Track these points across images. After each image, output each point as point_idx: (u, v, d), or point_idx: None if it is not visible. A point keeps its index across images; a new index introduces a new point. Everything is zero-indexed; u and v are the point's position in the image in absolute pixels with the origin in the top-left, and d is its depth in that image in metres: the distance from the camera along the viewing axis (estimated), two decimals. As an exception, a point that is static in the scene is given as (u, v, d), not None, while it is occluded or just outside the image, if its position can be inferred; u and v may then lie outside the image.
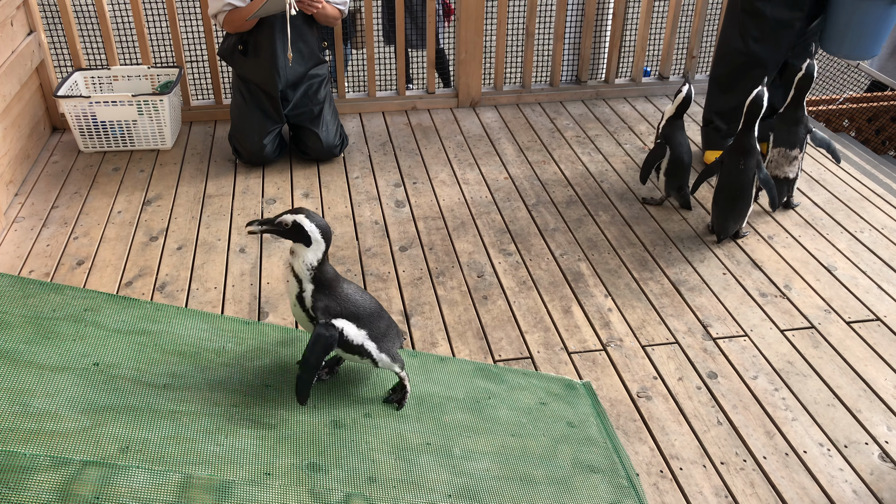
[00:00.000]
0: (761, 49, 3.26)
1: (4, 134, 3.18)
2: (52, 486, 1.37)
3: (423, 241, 2.98)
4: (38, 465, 1.40)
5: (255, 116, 3.41)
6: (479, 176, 3.47)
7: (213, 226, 3.06)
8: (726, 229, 2.93)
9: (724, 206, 2.91)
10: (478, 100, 4.15)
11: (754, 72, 3.30)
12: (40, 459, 1.41)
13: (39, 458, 1.41)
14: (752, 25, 3.24)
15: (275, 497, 1.52)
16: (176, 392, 1.68)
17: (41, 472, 1.39)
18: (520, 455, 1.90)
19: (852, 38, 3.12)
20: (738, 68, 3.34)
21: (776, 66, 3.31)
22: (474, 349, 2.41)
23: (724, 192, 2.90)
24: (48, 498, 1.35)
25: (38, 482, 1.37)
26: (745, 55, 3.29)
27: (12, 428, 1.45)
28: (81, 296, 1.87)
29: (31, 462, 1.40)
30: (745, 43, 3.28)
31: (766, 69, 3.28)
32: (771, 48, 3.25)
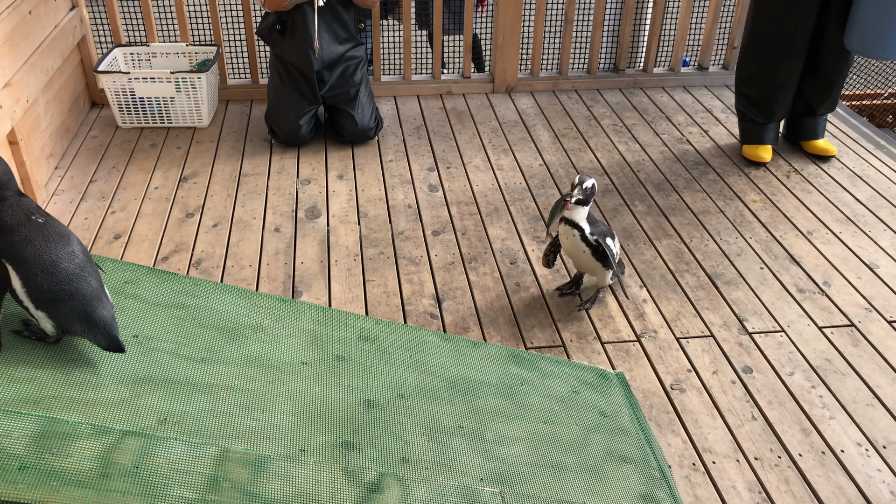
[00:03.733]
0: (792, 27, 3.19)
1: (46, 108, 3.22)
2: (93, 454, 1.39)
3: (456, 227, 2.97)
4: (80, 432, 1.42)
5: (292, 97, 3.41)
6: (513, 162, 3.45)
7: (248, 204, 3.08)
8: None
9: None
10: (514, 85, 4.12)
11: (785, 63, 3.24)
12: (82, 427, 1.43)
13: (81, 426, 1.43)
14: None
15: (309, 474, 1.52)
16: (213, 366, 1.69)
17: (83, 439, 1.41)
18: (551, 442, 1.89)
19: (874, 35, 3.04)
20: (768, 54, 3.28)
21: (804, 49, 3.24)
22: (506, 335, 2.41)
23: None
24: (89, 465, 1.37)
25: (79, 449, 1.39)
26: (777, 34, 3.22)
27: (55, 395, 1.47)
28: (121, 268, 1.89)
29: (73, 429, 1.42)
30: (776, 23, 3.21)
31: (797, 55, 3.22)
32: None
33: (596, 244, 2.31)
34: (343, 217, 3.01)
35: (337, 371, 1.86)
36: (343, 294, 2.58)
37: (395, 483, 1.59)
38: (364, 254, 2.79)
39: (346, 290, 2.60)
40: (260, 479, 1.47)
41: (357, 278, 2.66)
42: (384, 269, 2.70)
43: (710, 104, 4.06)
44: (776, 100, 3.36)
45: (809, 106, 3.45)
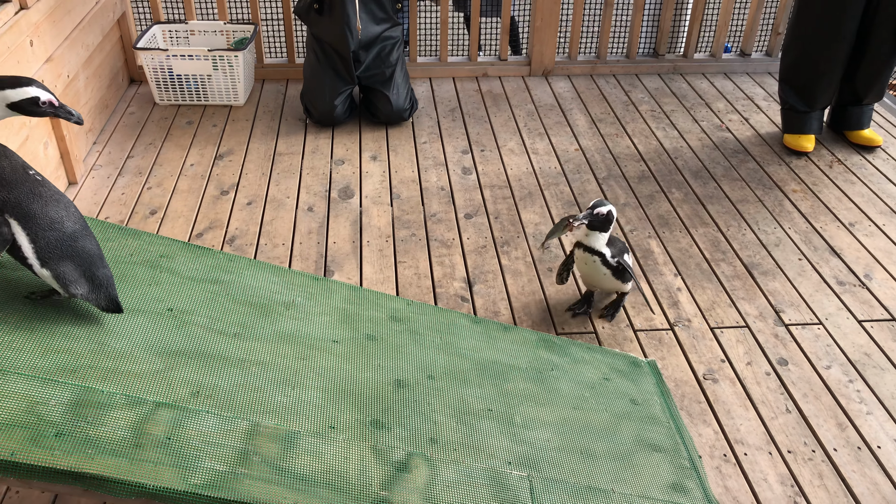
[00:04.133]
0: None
1: (86, 83, 3.26)
2: (127, 424, 1.41)
3: (489, 210, 2.95)
4: (115, 402, 1.44)
5: (328, 76, 3.41)
6: (548, 146, 3.41)
7: (282, 183, 3.09)
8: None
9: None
10: (551, 69, 4.08)
11: (830, 48, 3.15)
12: (116, 397, 1.45)
13: (116, 396, 1.45)
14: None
15: (338, 450, 1.53)
16: (246, 342, 1.71)
17: (117, 409, 1.43)
18: (581, 428, 1.88)
19: None
20: (815, 40, 3.20)
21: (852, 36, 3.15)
22: (537, 320, 2.39)
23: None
24: (123, 434, 1.39)
25: (114, 419, 1.41)
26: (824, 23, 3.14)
27: (91, 365, 1.49)
28: (157, 242, 1.90)
29: (107, 399, 1.44)
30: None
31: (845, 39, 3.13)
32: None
33: (617, 265, 2.28)
34: (376, 198, 3.01)
35: (367, 350, 1.86)
36: (374, 275, 2.58)
37: (424, 463, 1.59)
38: (396, 235, 2.78)
39: (377, 271, 2.60)
40: (289, 455, 1.48)
41: (388, 259, 2.66)
42: (416, 251, 2.70)
43: (752, 92, 3.97)
44: (819, 87, 3.27)
45: (856, 94, 3.35)
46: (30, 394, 1.39)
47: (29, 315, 1.54)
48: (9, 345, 1.45)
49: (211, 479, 1.37)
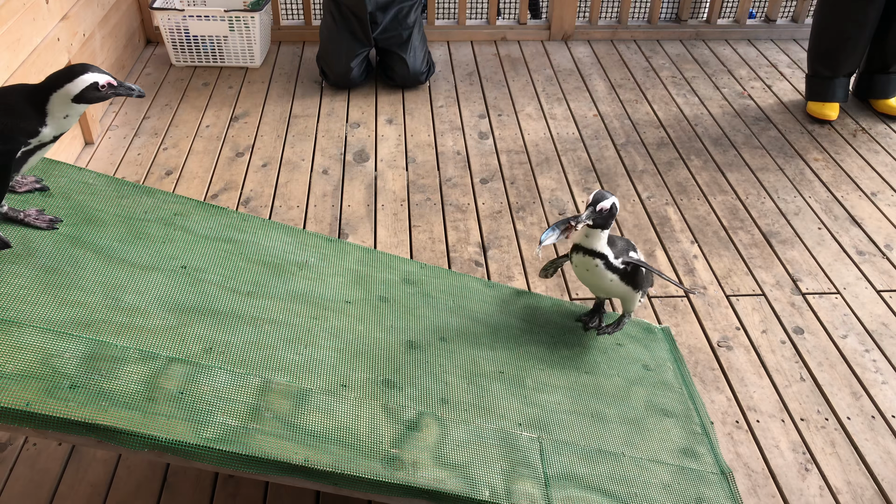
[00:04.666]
0: None
1: (102, 42, 3.25)
2: (140, 378, 1.42)
3: (505, 175, 2.93)
4: (128, 356, 1.45)
5: (344, 39, 3.38)
6: (566, 112, 3.37)
7: (297, 146, 3.08)
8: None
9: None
10: (570, 33, 4.01)
11: (858, 11, 3.07)
12: (130, 352, 1.46)
13: (129, 351, 1.46)
14: None
15: (349, 408, 1.54)
16: (259, 300, 1.71)
17: (130, 363, 1.44)
18: (592, 392, 1.87)
19: None
20: None
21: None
22: (551, 286, 2.38)
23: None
24: (136, 388, 1.40)
25: (127, 372, 1.42)
26: None
27: (105, 320, 1.50)
28: (172, 200, 1.90)
29: (121, 353, 1.45)
30: None
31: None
32: None
33: (624, 267, 1.86)
34: (391, 162, 2.99)
35: (380, 311, 1.86)
36: (388, 238, 2.57)
37: (434, 423, 1.59)
38: (411, 199, 2.77)
39: (391, 235, 2.59)
40: (301, 411, 1.49)
41: (403, 223, 2.65)
42: (430, 216, 2.69)
43: (776, 58, 3.89)
44: (844, 52, 3.19)
45: (884, 62, 3.28)
46: (44, 346, 1.40)
47: (45, 268, 1.55)
48: (24, 298, 1.47)
49: (223, 434, 1.39)
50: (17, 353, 1.37)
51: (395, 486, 1.44)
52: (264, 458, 1.39)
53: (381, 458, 1.48)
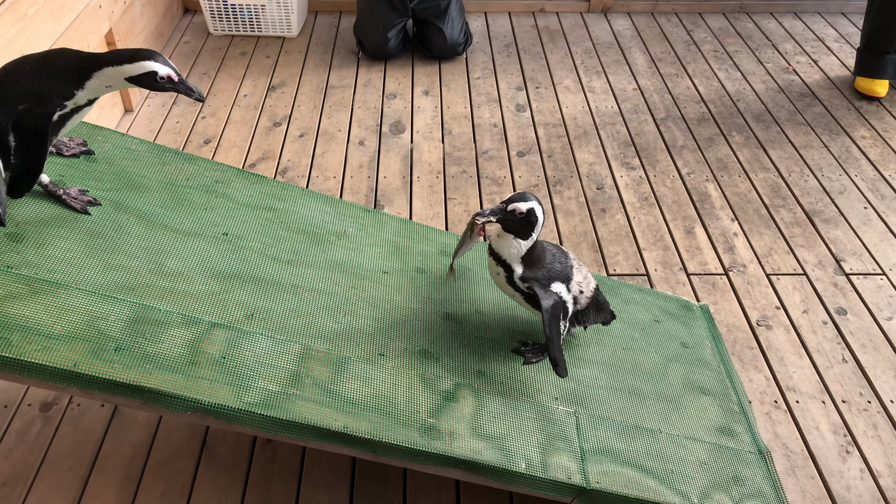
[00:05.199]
0: None
1: (142, 10, 3.26)
2: (183, 342, 1.44)
3: (542, 148, 2.90)
4: (172, 321, 1.47)
5: (382, 9, 3.35)
6: (605, 85, 3.32)
7: (334, 116, 3.07)
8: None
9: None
10: (610, 5, 3.94)
11: None
12: (173, 316, 1.48)
13: (172, 315, 1.48)
14: None
15: (387, 377, 1.55)
16: (298, 268, 1.72)
17: (174, 327, 1.46)
18: (629, 368, 1.86)
19: None
20: None
21: None
22: (588, 261, 2.36)
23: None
24: (179, 352, 1.42)
25: (171, 336, 1.44)
26: None
27: (148, 284, 1.52)
28: (213, 168, 1.91)
29: (165, 317, 1.47)
30: None
31: None
32: None
33: (528, 289, 1.63)
34: (427, 133, 2.97)
35: (417, 282, 1.86)
36: (424, 210, 2.57)
37: (471, 394, 1.59)
38: (447, 171, 2.76)
39: (427, 207, 2.59)
40: (340, 379, 1.50)
41: (439, 195, 2.64)
42: (466, 188, 2.68)
43: (823, 32, 3.79)
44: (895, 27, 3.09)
45: (937, 37, 3.17)
46: (90, 309, 1.42)
47: (90, 232, 1.57)
48: (71, 261, 1.49)
49: (264, 399, 1.40)
50: (64, 314, 1.39)
51: (433, 455, 1.45)
52: (304, 423, 1.40)
53: (418, 427, 1.48)
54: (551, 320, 1.61)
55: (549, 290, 1.64)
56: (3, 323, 1.33)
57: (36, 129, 1.44)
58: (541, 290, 1.63)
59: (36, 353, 1.31)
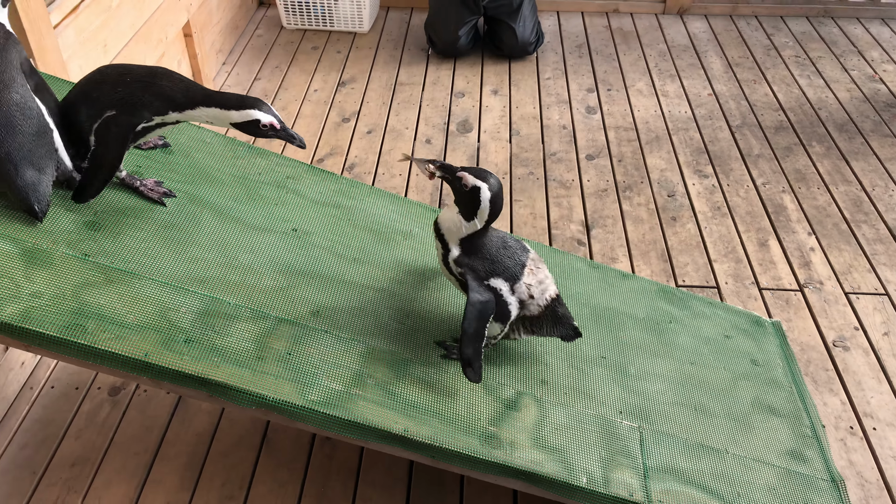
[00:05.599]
0: None
1: (218, 3, 3.32)
2: (251, 336, 1.45)
3: (612, 152, 2.84)
4: (240, 314, 1.48)
5: (454, 6, 3.34)
6: (679, 89, 3.24)
7: (402, 114, 3.08)
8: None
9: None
10: (687, 7, 3.84)
11: None
12: (242, 310, 1.49)
13: (241, 309, 1.49)
14: None
15: (449, 381, 1.53)
16: (364, 267, 1.72)
17: (242, 321, 1.47)
18: (697, 384, 1.81)
19: None
20: None
21: None
22: (656, 270, 2.30)
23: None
24: (247, 346, 1.43)
25: (239, 330, 1.45)
26: None
27: (219, 277, 1.54)
28: (284, 163, 1.93)
29: (234, 311, 1.48)
30: None
31: None
32: None
33: (460, 274, 1.50)
34: (495, 133, 2.95)
35: (482, 286, 1.84)
36: (490, 211, 2.54)
37: (533, 403, 1.57)
38: (513, 172, 2.73)
39: (493, 207, 2.56)
40: (402, 381, 1.50)
41: (504, 197, 2.61)
42: (532, 190, 2.64)
43: (912, 40, 3.62)
44: None
45: None
46: (162, 299, 1.45)
47: (165, 224, 1.59)
48: (145, 251, 1.52)
49: (327, 397, 1.41)
50: (137, 304, 1.42)
51: (492, 464, 1.43)
52: (365, 424, 1.40)
53: (479, 435, 1.47)
54: (474, 316, 1.46)
55: (484, 283, 1.49)
56: (79, 310, 1.36)
57: (116, 136, 1.47)
58: (474, 281, 1.48)
59: (109, 341, 1.34)
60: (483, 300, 1.48)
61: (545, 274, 1.56)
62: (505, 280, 1.50)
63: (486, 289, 1.49)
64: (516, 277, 1.51)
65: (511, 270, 1.51)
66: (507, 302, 1.51)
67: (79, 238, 1.49)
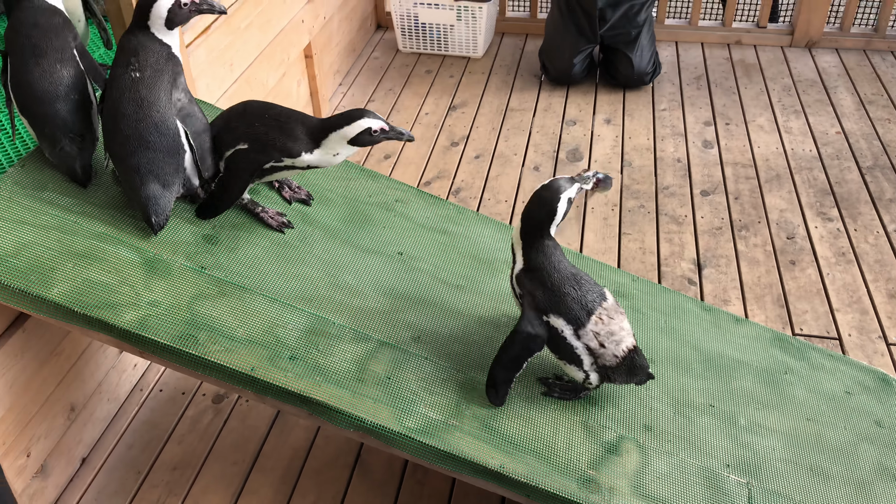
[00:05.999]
0: None
1: (339, 25, 3.42)
2: (353, 357, 1.46)
3: (729, 189, 2.73)
4: (344, 335, 1.49)
5: (570, 33, 3.31)
6: (804, 126, 3.08)
7: (511, 139, 3.06)
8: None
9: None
10: (816, 40, 3.66)
11: None
12: (346, 331, 1.50)
13: (345, 329, 1.50)
14: None
15: (548, 419, 1.49)
16: (467, 295, 1.70)
17: (345, 342, 1.48)
18: (814, 443, 1.69)
19: None
20: None
21: None
22: (771, 316, 2.18)
23: None
24: (348, 367, 1.44)
25: (341, 350, 1.46)
26: None
27: (325, 297, 1.56)
28: (394, 186, 1.94)
29: (338, 331, 1.50)
30: None
31: None
32: None
33: (520, 295, 1.46)
34: (605, 163, 2.89)
35: (586, 321, 1.79)
36: (596, 243, 2.49)
37: (635, 449, 1.50)
38: (623, 205, 2.66)
39: (599, 240, 2.50)
40: (500, 416, 1.47)
41: (613, 229, 2.55)
42: (643, 224, 2.56)
43: None
44: None
45: None
46: (271, 315, 1.48)
47: (277, 241, 1.63)
48: (257, 267, 1.56)
49: (424, 425, 1.39)
50: (247, 318, 1.45)
51: (590, 509, 1.38)
52: (461, 456, 1.38)
53: (576, 478, 1.42)
54: (516, 345, 1.40)
55: (541, 318, 1.40)
56: (192, 321, 1.41)
57: (243, 170, 1.55)
58: (530, 310, 1.40)
59: (219, 353, 1.37)
60: (532, 333, 1.41)
61: (620, 325, 1.46)
62: (567, 322, 1.42)
63: (541, 324, 1.42)
64: (580, 322, 1.42)
65: (573, 313, 1.41)
66: (572, 346, 1.44)
67: (197, 251, 1.54)
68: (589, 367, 1.47)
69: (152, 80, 1.49)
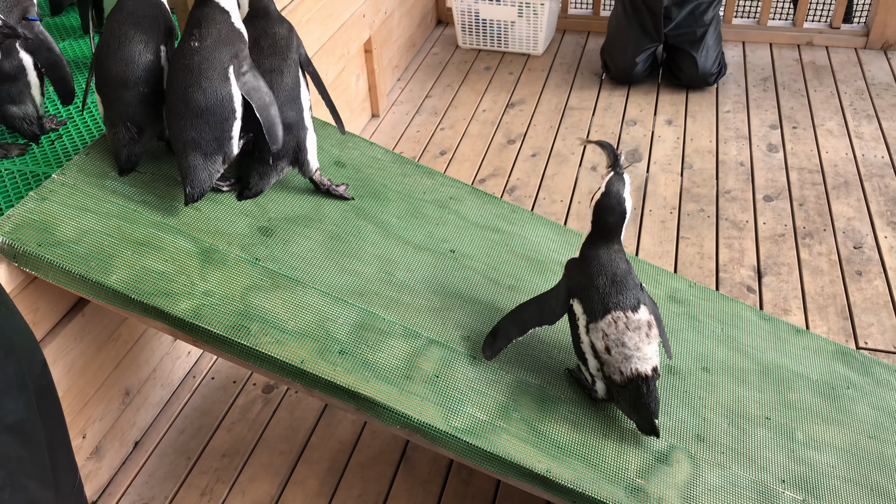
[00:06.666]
0: None
1: (399, 21, 3.42)
2: (402, 354, 1.46)
3: (794, 195, 2.64)
4: (394, 331, 1.49)
5: (633, 32, 3.25)
6: (877, 131, 2.96)
7: (568, 138, 3.02)
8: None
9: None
10: (893, 42, 3.51)
11: None
12: (396, 327, 1.50)
13: (395, 326, 1.50)
14: None
15: (598, 425, 1.46)
16: (519, 295, 1.68)
17: (395, 338, 1.48)
18: (875, 461, 1.62)
19: None
20: None
21: None
22: (834, 328, 2.10)
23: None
24: (397, 364, 1.44)
25: (390, 346, 1.46)
26: None
27: (377, 292, 1.56)
28: (448, 184, 1.94)
29: (388, 327, 1.49)
30: None
31: None
32: None
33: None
34: (665, 165, 2.83)
35: (640, 326, 1.75)
36: (653, 247, 2.43)
37: (686, 459, 1.46)
38: (682, 208, 2.60)
39: (656, 244, 2.45)
40: (548, 418, 1.45)
41: (670, 233, 2.49)
42: (702, 228, 2.50)
43: None
44: None
45: None
46: (322, 309, 1.48)
47: (331, 235, 1.64)
48: (311, 260, 1.57)
49: (471, 426, 1.38)
50: (298, 311, 1.46)
51: (637, 519, 1.35)
52: (507, 459, 1.36)
53: (624, 486, 1.39)
54: (528, 310, 1.47)
55: (567, 298, 1.43)
56: (245, 312, 1.42)
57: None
58: (561, 286, 1.44)
59: (270, 345, 1.39)
60: (551, 305, 1.44)
61: (637, 343, 1.40)
62: (584, 311, 1.41)
63: (564, 302, 1.43)
64: (594, 315, 1.40)
65: (592, 305, 1.40)
66: (579, 338, 1.43)
67: (252, 242, 1.56)
68: (595, 372, 1.44)
69: (210, 49, 1.52)
